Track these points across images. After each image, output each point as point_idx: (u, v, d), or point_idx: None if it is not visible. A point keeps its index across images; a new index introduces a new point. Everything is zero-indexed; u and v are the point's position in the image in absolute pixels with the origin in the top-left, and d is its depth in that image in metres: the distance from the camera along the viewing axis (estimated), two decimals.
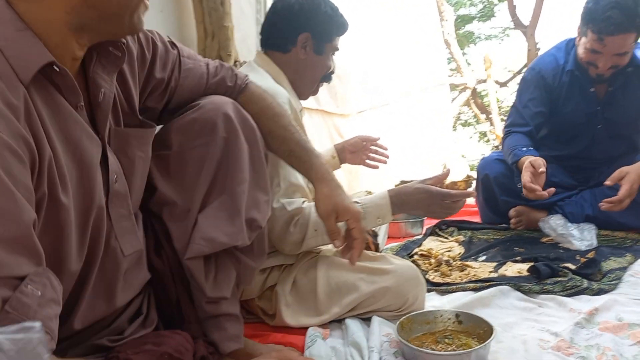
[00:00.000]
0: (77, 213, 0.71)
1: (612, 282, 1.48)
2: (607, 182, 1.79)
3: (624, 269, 1.58)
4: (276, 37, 1.40)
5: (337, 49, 1.46)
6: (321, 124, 3.13)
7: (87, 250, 0.74)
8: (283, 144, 1.03)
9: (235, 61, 1.82)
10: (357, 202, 1.26)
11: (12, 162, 0.59)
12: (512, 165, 2.00)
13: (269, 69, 1.38)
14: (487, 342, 1.03)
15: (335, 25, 1.41)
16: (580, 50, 1.98)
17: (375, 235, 1.63)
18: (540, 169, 1.79)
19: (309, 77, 1.41)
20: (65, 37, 0.69)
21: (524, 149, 1.99)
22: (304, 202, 1.24)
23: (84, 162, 0.72)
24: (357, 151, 1.73)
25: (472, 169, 5.05)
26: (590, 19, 1.86)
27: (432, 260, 1.69)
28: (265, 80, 1.31)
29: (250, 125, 0.96)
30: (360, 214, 1.01)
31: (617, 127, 2.08)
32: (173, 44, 0.95)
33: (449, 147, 4.60)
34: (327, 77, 1.47)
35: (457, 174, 5.44)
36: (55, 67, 0.67)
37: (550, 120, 2.15)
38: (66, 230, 0.69)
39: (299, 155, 1.04)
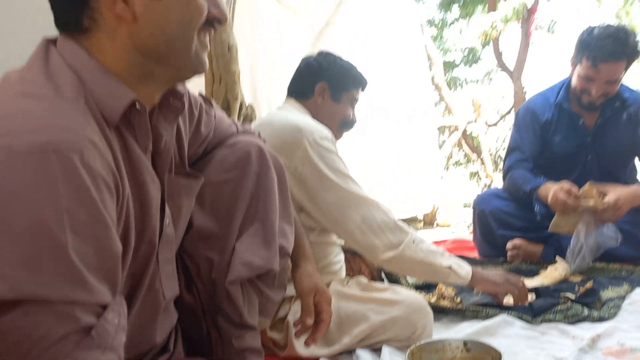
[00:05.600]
0: (133, 252, 0.74)
1: (612, 311, 1.52)
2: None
3: (622, 297, 1.62)
4: (299, 86, 1.58)
5: (356, 100, 1.61)
6: None
7: (130, 290, 0.77)
8: None
9: (242, 104, 1.90)
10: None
11: (106, 195, 0.63)
12: (531, 191, 2.08)
13: (297, 111, 1.52)
14: None
15: (350, 76, 1.57)
16: (574, 79, 2.12)
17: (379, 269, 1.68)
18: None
19: (328, 122, 1.52)
20: (139, 84, 0.73)
21: (542, 178, 2.10)
22: None
23: (147, 204, 0.76)
24: None
25: (465, 207, 5.13)
26: (585, 47, 2.03)
27: (435, 291, 1.73)
28: (302, 117, 1.44)
29: (278, 162, 1.03)
30: (331, 298, 1.10)
31: (606, 160, 2.18)
32: (209, 102, 1.01)
33: (441, 186, 4.68)
34: (347, 125, 1.62)
35: (448, 214, 5.42)
36: (137, 106, 0.71)
37: (543, 154, 2.25)
38: (125, 267, 0.71)
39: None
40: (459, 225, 4.63)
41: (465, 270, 1.45)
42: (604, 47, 1.96)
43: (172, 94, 0.80)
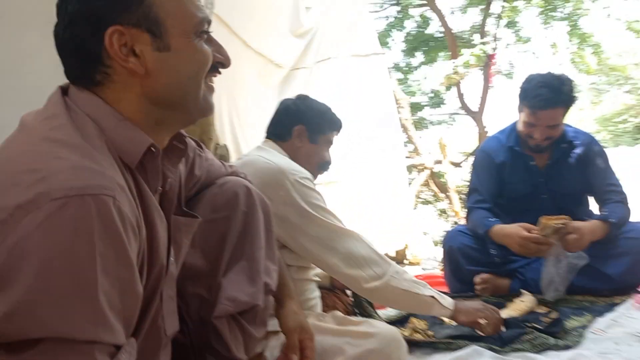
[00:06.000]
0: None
1: (576, 339, 1.59)
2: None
3: (585, 327, 1.70)
4: (277, 128, 1.64)
5: (331, 143, 1.69)
6: None
7: (135, 326, 0.78)
8: None
9: (216, 145, 1.95)
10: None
11: (132, 238, 0.66)
12: (484, 234, 2.18)
13: (276, 152, 1.57)
14: None
15: (327, 119, 1.65)
16: (520, 125, 2.28)
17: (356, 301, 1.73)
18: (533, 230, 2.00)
19: (306, 163, 1.58)
20: (151, 129, 0.77)
21: (492, 219, 2.21)
22: None
23: (156, 243, 0.78)
24: None
25: (435, 245, 5.23)
26: (524, 96, 2.20)
27: (408, 325, 1.77)
28: (282, 159, 1.50)
29: (264, 202, 1.08)
30: (314, 336, 1.14)
31: (560, 198, 2.31)
32: (201, 146, 1.05)
33: (411, 223, 4.77)
34: (323, 166, 1.68)
35: (418, 251, 5.50)
36: (153, 149, 0.75)
37: (503, 193, 2.38)
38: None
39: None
40: (429, 262, 4.70)
41: (447, 300, 1.53)
42: (540, 95, 2.11)
43: (176, 138, 0.84)
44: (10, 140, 0.71)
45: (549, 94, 2.11)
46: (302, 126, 1.61)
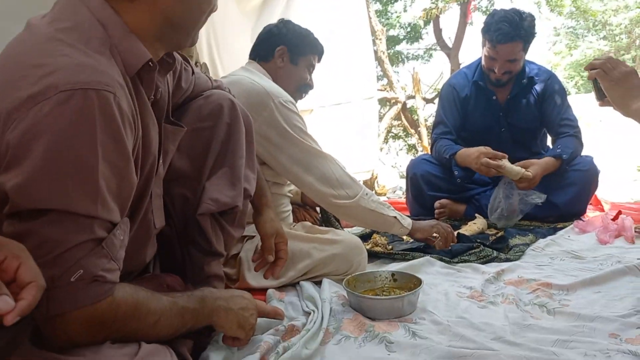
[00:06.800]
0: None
1: (517, 254, 1.79)
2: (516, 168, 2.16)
3: (527, 245, 1.91)
4: (260, 49, 1.71)
5: (313, 66, 1.76)
6: None
7: (129, 218, 0.87)
8: None
9: (196, 62, 2.00)
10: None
11: (129, 132, 0.75)
12: (450, 158, 2.34)
13: (261, 73, 1.64)
14: (416, 289, 1.28)
15: (308, 42, 1.72)
16: (483, 59, 2.40)
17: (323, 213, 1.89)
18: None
19: (286, 83, 1.68)
20: (150, 43, 0.85)
21: (459, 146, 2.37)
22: None
23: (148, 144, 0.87)
24: None
25: (402, 177, 5.43)
26: (486, 30, 2.30)
27: (370, 241, 1.94)
28: (267, 81, 1.57)
29: (247, 116, 1.18)
30: (287, 241, 1.29)
31: (518, 132, 2.47)
32: (187, 60, 1.12)
33: (380, 155, 4.94)
34: (304, 88, 1.77)
35: (386, 182, 5.70)
36: (150, 63, 0.83)
37: (465, 126, 2.53)
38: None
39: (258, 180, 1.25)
40: (396, 193, 4.93)
41: (407, 220, 1.71)
42: (501, 30, 2.22)
43: (166, 54, 0.94)
44: (17, 39, 0.78)
45: (508, 28, 2.21)
46: (283, 47, 1.68)
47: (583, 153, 2.42)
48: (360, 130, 4.21)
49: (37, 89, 0.68)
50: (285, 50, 1.69)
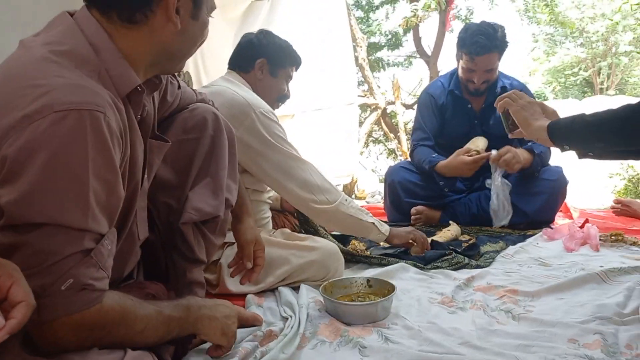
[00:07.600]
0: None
1: (487, 261, 1.87)
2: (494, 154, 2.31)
3: (497, 252, 1.98)
4: (240, 60, 1.75)
5: (290, 77, 1.81)
6: None
7: (118, 233, 0.91)
8: None
9: (180, 72, 2.03)
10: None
11: (117, 149, 0.79)
12: (430, 169, 2.44)
13: (241, 84, 1.69)
14: (390, 295, 1.34)
15: (287, 54, 1.76)
16: (460, 71, 2.51)
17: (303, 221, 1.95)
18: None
19: (265, 94, 1.72)
20: (142, 68, 0.90)
21: (434, 155, 2.49)
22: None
23: (134, 161, 0.91)
24: None
25: (381, 182, 5.51)
26: (462, 44, 2.43)
27: (349, 246, 2.00)
28: (247, 92, 1.62)
29: (230, 128, 1.23)
30: (264, 248, 1.34)
31: (493, 139, 2.55)
32: (174, 75, 1.16)
33: (359, 161, 5.00)
34: (282, 98, 1.82)
35: (366, 187, 5.76)
36: (139, 88, 0.88)
37: (443, 133, 2.62)
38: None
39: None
40: (375, 197, 5.00)
41: (384, 227, 1.77)
42: (477, 42, 2.35)
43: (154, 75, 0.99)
44: (13, 59, 0.82)
45: (485, 40, 2.34)
46: (263, 60, 1.73)
47: (555, 162, 2.53)
48: (341, 135, 4.28)
49: (33, 107, 0.72)
50: (265, 63, 1.73)
